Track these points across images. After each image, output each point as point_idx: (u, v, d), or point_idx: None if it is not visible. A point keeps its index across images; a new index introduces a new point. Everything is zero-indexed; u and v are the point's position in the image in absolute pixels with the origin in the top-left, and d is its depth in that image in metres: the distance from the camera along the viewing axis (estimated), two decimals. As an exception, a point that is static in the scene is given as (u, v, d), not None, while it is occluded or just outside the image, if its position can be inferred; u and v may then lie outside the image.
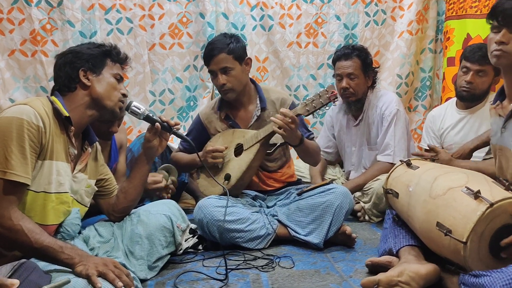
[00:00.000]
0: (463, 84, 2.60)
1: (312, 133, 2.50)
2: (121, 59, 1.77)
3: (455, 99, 2.80)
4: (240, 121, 2.45)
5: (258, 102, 2.43)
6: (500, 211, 1.40)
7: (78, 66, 1.64)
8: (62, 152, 1.58)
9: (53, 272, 1.38)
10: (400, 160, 2.05)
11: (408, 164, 1.96)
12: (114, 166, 2.34)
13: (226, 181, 2.29)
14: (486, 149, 2.41)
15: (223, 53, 2.30)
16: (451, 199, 1.53)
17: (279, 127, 2.13)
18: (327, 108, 2.16)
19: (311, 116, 2.28)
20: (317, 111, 2.15)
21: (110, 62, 1.72)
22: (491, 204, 1.39)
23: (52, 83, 2.96)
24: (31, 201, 1.50)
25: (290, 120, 2.11)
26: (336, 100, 2.14)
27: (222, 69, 2.32)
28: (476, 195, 1.44)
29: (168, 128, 1.86)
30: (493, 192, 1.45)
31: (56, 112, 1.57)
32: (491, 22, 1.64)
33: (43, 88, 3.03)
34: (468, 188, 1.48)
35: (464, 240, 1.40)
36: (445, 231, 1.47)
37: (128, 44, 3.15)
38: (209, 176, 2.33)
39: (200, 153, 2.39)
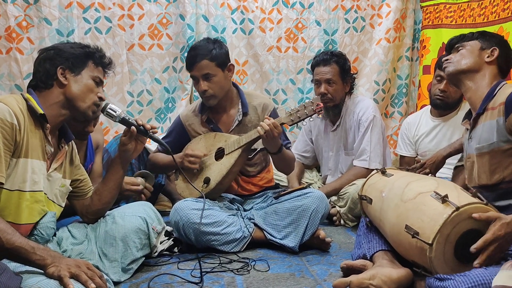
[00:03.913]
0: (437, 92, 2.67)
1: (290, 142, 2.52)
2: (104, 63, 1.75)
3: (429, 106, 2.86)
4: (221, 125, 2.45)
5: (240, 106, 2.42)
6: (466, 215, 1.45)
7: (58, 63, 1.63)
8: (39, 149, 1.56)
9: (25, 273, 1.36)
10: (376, 169, 2.10)
11: (383, 172, 2.02)
12: (90, 167, 2.31)
13: (205, 185, 2.28)
14: (459, 156, 2.47)
15: (206, 59, 2.29)
16: (421, 203, 1.58)
17: (264, 131, 2.14)
18: (311, 119, 2.17)
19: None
20: (301, 121, 2.16)
21: (92, 64, 1.70)
22: (457, 208, 1.45)
23: (27, 81, 2.93)
24: (5, 200, 1.48)
25: (274, 128, 2.12)
26: (321, 112, 2.15)
27: (204, 76, 2.30)
28: (444, 199, 1.50)
29: (144, 132, 1.83)
30: (461, 197, 1.52)
31: (31, 109, 1.54)
32: (446, 54, 2.01)
33: (18, 86, 2.97)
34: (436, 193, 1.54)
35: (430, 242, 1.45)
36: (412, 233, 1.52)
37: (106, 43, 3.12)
38: (188, 177, 2.32)
39: (180, 154, 2.38)
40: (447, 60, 1.92)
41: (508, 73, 1.91)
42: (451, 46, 1.97)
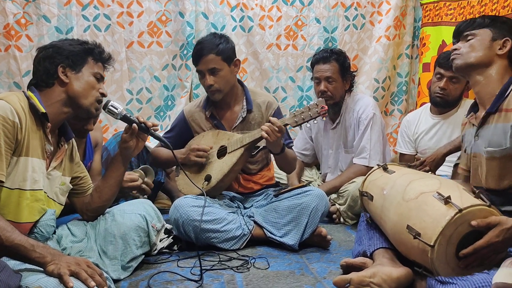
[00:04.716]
0: (436, 90, 2.66)
1: (292, 141, 2.52)
2: (103, 59, 1.75)
3: (429, 104, 2.86)
4: (225, 121, 2.44)
5: (244, 103, 2.42)
6: (469, 217, 1.44)
7: (58, 61, 1.62)
8: (39, 148, 1.55)
9: (24, 271, 1.35)
10: (377, 165, 2.09)
11: (385, 169, 2.00)
12: (89, 165, 2.31)
13: (206, 182, 2.28)
14: (459, 153, 2.47)
15: (212, 53, 2.29)
16: (423, 203, 1.56)
17: (266, 133, 2.13)
18: (315, 122, 2.16)
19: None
20: (305, 123, 2.15)
21: (91, 61, 1.70)
22: (460, 210, 1.43)
23: (25, 79, 2.93)
24: (5, 198, 1.48)
25: (277, 129, 2.12)
26: (325, 115, 2.13)
27: (210, 70, 2.30)
28: (446, 200, 1.48)
29: (145, 129, 1.84)
30: (463, 198, 1.50)
31: (32, 107, 1.54)
32: (454, 41, 1.89)
33: (16, 84, 2.96)
34: (439, 194, 1.52)
35: (432, 244, 1.44)
36: (414, 234, 1.51)
37: (105, 41, 3.11)
38: (189, 175, 2.31)
39: (183, 150, 2.38)
40: (455, 50, 1.80)
41: None
42: (459, 33, 1.83)
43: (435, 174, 2.42)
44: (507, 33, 1.74)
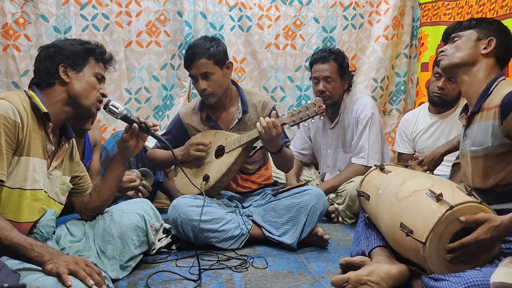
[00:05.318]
0: (435, 89, 2.67)
1: (289, 140, 2.52)
2: (105, 59, 1.75)
3: (427, 103, 2.86)
4: (221, 122, 2.44)
5: (239, 104, 2.42)
6: (460, 214, 1.45)
7: (59, 61, 1.62)
8: (40, 148, 1.56)
9: (23, 270, 1.35)
10: (374, 165, 2.10)
11: (382, 169, 2.02)
12: (87, 164, 2.30)
13: (204, 182, 2.28)
14: (457, 153, 2.47)
15: (203, 58, 2.28)
16: (415, 201, 1.58)
17: (264, 131, 2.12)
18: (313, 121, 2.15)
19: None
20: (303, 122, 2.14)
21: (93, 61, 1.70)
22: (451, 207, 1.44)
23: (24, 78, 2.93)
24: (6, 198, 1.48)
25: (274, 128, 2.11)
26: (323, 114, 2.13)
27: (203, 74, 2.30)
28: (438, 197, 1.49)
29: (145, 129, 1.84)
30: (455, 196, 1.50)
31: (34, 107, 1.54)
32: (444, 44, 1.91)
33: (15, 84, 2.96)
34: (431, 191, 1.53)
35: (423, 241, 1.44)
36: (406, 231, 1.52)
37: (104, 40, 3.10)
38: (187, 174, 2.31)
39: (182, 147, 2.38)
40: (442, 52, 1.84)
41: (507, 62, 1.80)
42: (447, 35, 1.87)
43: (433, 173, 2.43)
44: (492, 33, 1.75)
